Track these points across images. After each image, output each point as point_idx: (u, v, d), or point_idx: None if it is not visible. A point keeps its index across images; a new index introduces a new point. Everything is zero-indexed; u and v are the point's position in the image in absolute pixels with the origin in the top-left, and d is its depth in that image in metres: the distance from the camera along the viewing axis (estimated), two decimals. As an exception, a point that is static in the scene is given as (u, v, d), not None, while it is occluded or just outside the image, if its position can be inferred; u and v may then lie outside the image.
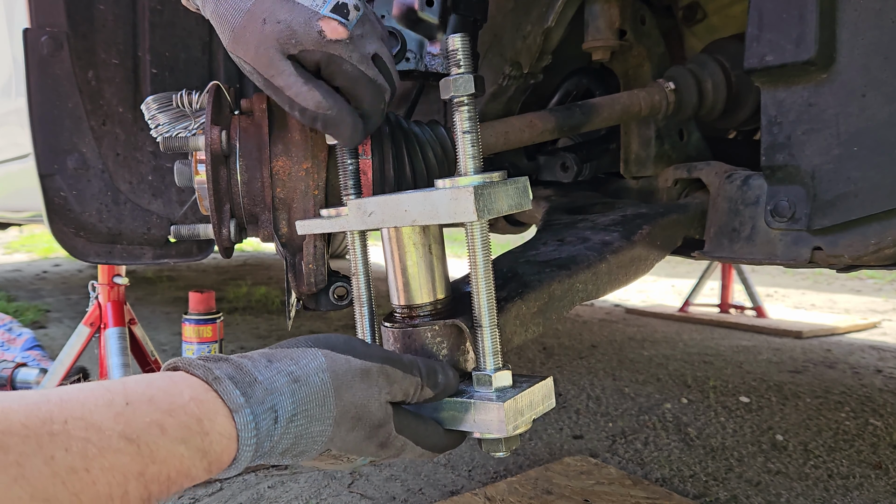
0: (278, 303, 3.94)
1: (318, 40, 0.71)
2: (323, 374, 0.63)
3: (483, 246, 0.71)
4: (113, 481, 0.48)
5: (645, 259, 1.04)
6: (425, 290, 0.77)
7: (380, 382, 0.67)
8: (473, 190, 0.66)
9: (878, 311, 3.95)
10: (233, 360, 0.62)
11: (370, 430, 0.66)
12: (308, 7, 0.72)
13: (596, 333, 3.21)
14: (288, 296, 0.96)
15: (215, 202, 0.88)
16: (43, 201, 1.37)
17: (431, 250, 0.77)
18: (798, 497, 1.49)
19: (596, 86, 1.43)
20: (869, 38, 0.83)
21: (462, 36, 0.70)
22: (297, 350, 0.66)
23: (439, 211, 0.69)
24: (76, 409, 0.49)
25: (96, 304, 1.82)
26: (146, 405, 0.53)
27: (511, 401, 0.71)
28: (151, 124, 0.95)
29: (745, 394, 2.22)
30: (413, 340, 0.76)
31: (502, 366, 0.74)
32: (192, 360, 0.60)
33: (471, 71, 0.70)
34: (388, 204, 0.72)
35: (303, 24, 0.71)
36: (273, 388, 0.60)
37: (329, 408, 0.63)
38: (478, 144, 0.71)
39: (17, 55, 1.37)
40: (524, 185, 0.73)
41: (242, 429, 0.57)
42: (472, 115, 0.71)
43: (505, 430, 0.70)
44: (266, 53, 0.72)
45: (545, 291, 0.88)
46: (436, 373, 0.71)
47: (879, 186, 0.84)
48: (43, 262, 6.83)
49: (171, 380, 0.58)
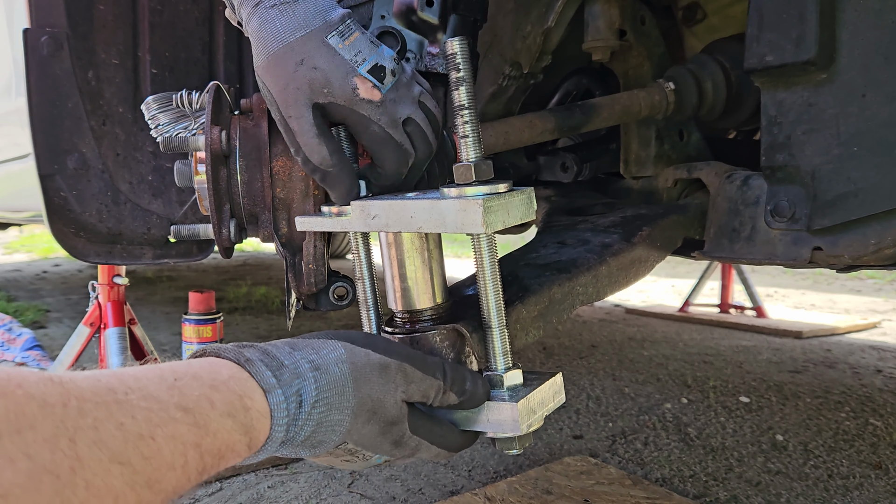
0: (278, 303, 3.94)
1: (351, 97, 0.72)
2: (343, 365, 0.64)
3: (490, 253, 0.72)
4: (175, 450, 0.50)
5: (645, 261, 1.04)
6: (426, 296, 0.77)
7: (397, 379, 0.67)
8: (482, 202, 0.66)
9: (878, 311, 3.95)
10: (259, 346, 0.64)
11: (384, 425, 0.66)
12: (347, 61, 0.72)
13: (596, 333, 3.21)
14: (288, 296, 0.96)
15: (215, 202, 0.88)
16: (43, 201, 1.37)
17: (431, 255, 0.77)
18: (798, 497, 1.49)
19: (596, 86, 1.43)
20: (869, 38, 0.83)
21: (461, 39, 0.70)
22: (318, 341, 0.67)
23: (446, 220, 0.69)
24: (132, 382, 0.51)
25: (96, 304, 1.82)
26: (193, 381, 0.55)
27: (524, 400, 0.72)
28: (151, 124, 0.95)
29: (745, 394, 2.22)
30: (420, 346, 0.76)
31: (512, 365, 0.74)
32: (221, 346, 0.62)
33: (470, 75, 0.70)
34: (393, 209, 0.72)
35: (339, 77, 0.72)
36: (298, 373, 0.62)
37: (347, 398, 0.64)
38: (480, 149, 0.71)
39: (17, 55, 1.37)
40: (529, 196, 0.73)
41: (276, 408, 0.59)
42: (474, 118, 0.71)
43: (519, 428, 0.71)
44: (293, 94, 0.72)
45: (545, 295, 0.88)
46: (464, 380, 0.71)
47: (879, 186, 0.84)
48: (43, 262, 6.83)
49: (207, 361, 0.60)
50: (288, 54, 0.71)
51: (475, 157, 0.70)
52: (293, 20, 0.72)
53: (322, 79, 0.71)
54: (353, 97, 0.72)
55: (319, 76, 0.71)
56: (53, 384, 0.46)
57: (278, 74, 0.72)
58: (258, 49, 0.73)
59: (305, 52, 0.71)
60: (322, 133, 0.73)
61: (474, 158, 0.70)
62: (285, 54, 0.71)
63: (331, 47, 0.72)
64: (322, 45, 0.72)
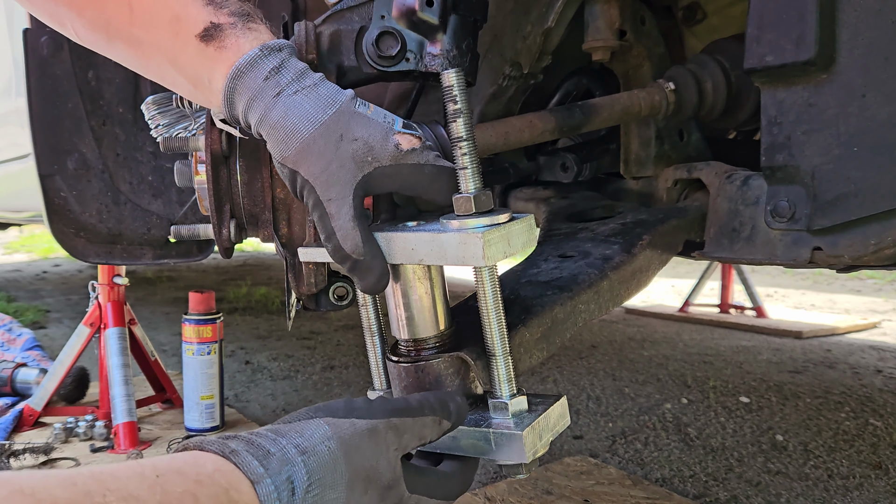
0: (278, 303, 3.94)
1: (395, 154, 0.70)
2: (329, 442, 0.63)
3: (492, 283, 0.72)
4: None
5: (646, 270, 1.04)
6: (430, 324, 0.77)
7: (388, 439, 0.66)
8: (482, 235, 0.66)
9: (878, 311, 3.95)
10: (242, 436, 0.62)
11: (382, 490, 0.65)
12: (382, 123, 0.71)
13: (596, 333, 3.21)
14: (288, 296, 0.96)
15: (215, 202, 0.88)
16: (43, 201, 1.37)
17: (434, 283, 0.76)
18: (798, 497, 1.49)
19: (596, 86, 1.43)
20: (869, 39, 0.83)
21: (457, 71, 0.69)
22: (301, 423, 0.65)
23: (447, 253, 0.68)
24: (111, 482, 0.50)
25: (96, 305, 1.82)
26: (176, 476, 0.53)
27: (529, 428, 0.72)
28: (151, 124, 0.95)
29: (745, 394, 2.22)
30: (426, 374, 0.76)
31: (517, 392, 0.74)
32: (205, 439, 0.60)
33: (467, 107, 0.70)
34: (394, 240, 0.72)
35: (380, 139, 0.70)
36: (286, 460, 0.60)
37: (341, 473, 0.62)
38: (479, 180, 0.70)
39: (18, 55, 1.37)
40: (529, 224, 0.72)
41: (266, 499, 0.57)
42: (472, 150, 0.70)
43: (525, 456, 0.71)
44: (337, 173, 0.70)
45: (548, 316, 0.87)
46: (447, 403, 0.71)
47: (879, 186, 0.84)
48: (43, 262, 6.82)
49: (190, 454, 0.58)
50: (326, 133, 0.69)
51: (475, 188, 0.70)
52: (319, 100, 0.70)
53: (364, 147, 0.70)
54: (397, 153, 0.71)
55: (361, 146, 0.70)
56: (24, 497, 0.44)
57: (318, 156, 0.70)
58: (285, 138, 0.70)
59: (342, 127, 0.70)
60: (358, 217, 0.71)
61: (474, 190, 0.70)
62: (323, 134, 0.69)
63: (363, 115, 0.71)
64: (355, 115, 0.70)
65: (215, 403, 1.81)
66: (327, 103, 0.70)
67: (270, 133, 0.71)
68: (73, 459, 1.61)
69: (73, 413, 1.83)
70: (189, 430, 1.80)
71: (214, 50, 0.71)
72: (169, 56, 0.73)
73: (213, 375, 1.80)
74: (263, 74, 0.70)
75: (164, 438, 1.75)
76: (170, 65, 0.74)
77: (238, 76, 0.70)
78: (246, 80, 0.70)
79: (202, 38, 0.71)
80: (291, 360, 2.72)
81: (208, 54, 0.71)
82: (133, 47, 0.74)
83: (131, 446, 1.65)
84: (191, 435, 1.66)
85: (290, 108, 0.70)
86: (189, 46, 0.71)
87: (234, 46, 0.71)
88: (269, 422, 1.94)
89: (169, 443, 1.70)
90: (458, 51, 0.87)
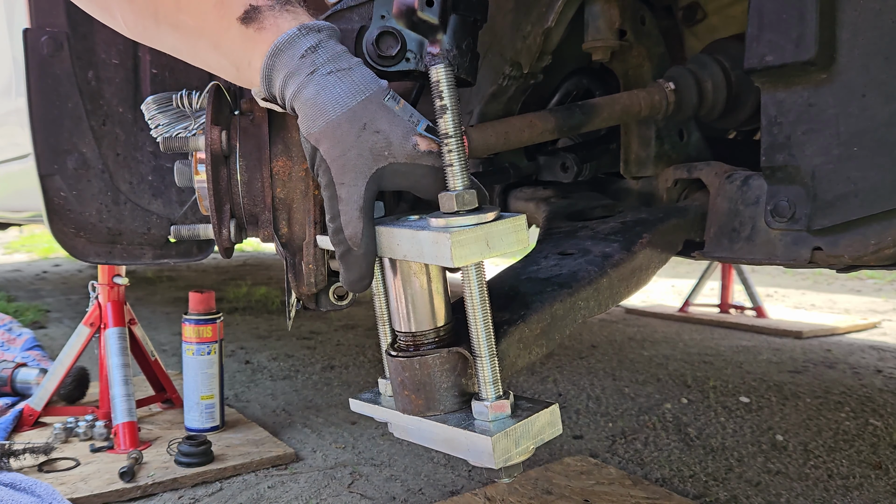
0: (278, 303, 3.95)
1: (412, 153, 0.72)
2: None
3: (479, 283, 0.71)
4: None
5: (646, 269, 1.04)
6: (427, 318, 0.76)
7: None
8: (450, 236, 0.65)
9: (878, 311, 3.95)
10: None
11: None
12: (406, 121, 0.72)
13: (596, 333, 3.21)
14: (288, 296, 0.96)
15: (215, 202, 0.88)
16: (43, 201, 1.37)
17: (431, 277, 0.76)
18: (798, 497, 1.49)
19: (596, 86, 1.43)
20: (869, 39, 0.83)
21: (445, 66, 0.69)
22: None
23: (424, 251, 0.68)
24: None
25: (96, 305, 1.82)
26: None
27: (502, 434, 0.70)
28: (151, 124, 0.96)
29: (745, 394, 2.22)
30: (422, 369, 0.76)
31: (502, 394, 0.73)
32: None
33: (455, 102, 0.70)
34: (384, 235, 0.72)
35: (400, 137, 0.72)
36: None
37: None
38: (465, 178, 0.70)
39: (18, 55, 1.37)
40: (517, 224, 0.71)
41: None
42: (459, 147, 0.70)
43: (493, 462, 0.70)
44: (353, 161, 0.71)
45: (547, 312, 0.87)
46: None
47: (879, 186, 0.84)
48: (43, 262, 6.83)
49: None
50: (351, 119, 0.71)
51: (461, 185, 0.70)
52: (352, 86, 0.72)
53: (383, 141, 0.71)
54: (414, 153, 0.72)
55: (381, 139, 0.71)
56: None
57: (339, 140, 0.72)
58: (314, 115, 0.72)
59: (368, 116, 0.71)
60: (365, 209, 0.72)
61: (460, 187, 0.70)
62: (349, 120, 0.71)
63: (390, 109, 0.72)
64: (382, 108, 0.72)
65: (215, 403, 1.81)
66: (359, 90, 0.72)
67: (301, 108, 0.73)
68: (73, 459, 1.61)
69: (73, 413, 1.83)
70: (189, 429, 1.80)
71: (254, 31, 0.74)
72: (213, 40, 0.76)
73: (213, 375, 1.80)
74: (300, 53, 0.72)
75: (164, 438, 1.75)
76: (214, 49, 0.77)
77: (276, 54, 0.73)
78: (283, 57, 0.73)
79: (242, 20, 0.74)
80: (291, 360, 2.72)
81: (248, 36, 0.74)
82: (179, 33, 0.77)
83: (131, 446, 1.65)
84: (191, 435, 1.66)
85: (323, 88, 0.72)
86: (231, 29, 0.74)
87: (273, 27, 0.74)
88: (269, 422, 1.95)
89: (169, 443, 1.70)
90: (458, 50, 0.87)
